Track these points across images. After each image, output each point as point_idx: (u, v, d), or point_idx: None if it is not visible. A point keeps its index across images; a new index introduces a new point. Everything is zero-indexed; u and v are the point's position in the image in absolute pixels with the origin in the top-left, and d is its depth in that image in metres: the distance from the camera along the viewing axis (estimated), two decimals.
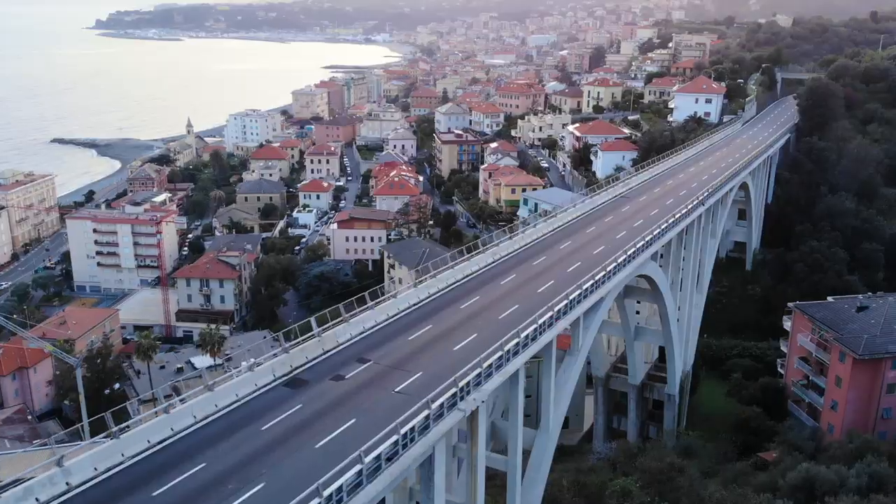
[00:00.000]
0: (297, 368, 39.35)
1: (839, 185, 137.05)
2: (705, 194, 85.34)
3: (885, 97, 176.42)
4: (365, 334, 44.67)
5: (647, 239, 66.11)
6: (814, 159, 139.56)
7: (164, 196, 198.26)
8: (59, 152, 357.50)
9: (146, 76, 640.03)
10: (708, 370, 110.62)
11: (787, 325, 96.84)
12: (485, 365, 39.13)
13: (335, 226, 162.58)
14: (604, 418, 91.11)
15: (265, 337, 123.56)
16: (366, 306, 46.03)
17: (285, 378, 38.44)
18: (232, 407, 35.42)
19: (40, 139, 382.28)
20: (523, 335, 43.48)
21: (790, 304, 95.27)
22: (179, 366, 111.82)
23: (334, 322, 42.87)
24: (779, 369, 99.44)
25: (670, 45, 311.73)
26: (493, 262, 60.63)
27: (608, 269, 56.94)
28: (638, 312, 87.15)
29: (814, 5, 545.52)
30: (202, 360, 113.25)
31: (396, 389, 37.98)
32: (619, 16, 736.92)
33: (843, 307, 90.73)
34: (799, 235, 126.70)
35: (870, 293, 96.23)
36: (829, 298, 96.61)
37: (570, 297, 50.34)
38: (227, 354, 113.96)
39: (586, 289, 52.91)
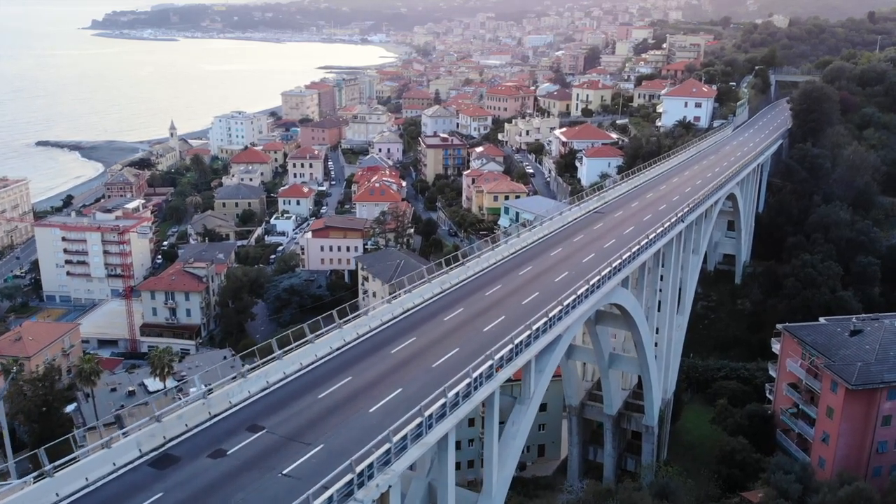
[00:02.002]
0: (170, 441, 32.85)
1: (833, 193, 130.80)
2: (685, 210, 78.86)
3: (883, 101, 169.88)
4: (267, 391, 38.16)
5: (615, 265, 59.62)
6: (807, 167, 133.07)
7: (137, 202, 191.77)
8: (43, 155, 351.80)
9: (138, 77, 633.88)
10: (693, 393, 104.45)
11: (776, 347, 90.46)
12: (396, 438, 32.60)
13: (309, 235, 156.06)
14: (579, 450, 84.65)
15: (225, 357, 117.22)
16: (272, 356, 39.51)
17: (153, 455, 31.93)
18: (75, 497, 28.97)
19: (26, 141, 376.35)
20: (452, 393, 36.97)
21: (779, 326, 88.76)
22: (131, 388, 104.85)
23: (227, 379, 36.36)
24: (767, 395, 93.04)
25: (664, 45, 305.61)
26: (440, 293, 54.15)
27: (566, 302, 50.49)
28: (615, 337, 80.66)
29: (811, 6, 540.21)
30: (156, 383, 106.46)
31: (285, 471, 31.45)
32: (616, 16, 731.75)
33: (835, 330, 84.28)
34: (791, 248, 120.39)
35: (864, 315, 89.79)
36: (822, 319, 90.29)
37: (517, 341, 43.84)
38: (183, 376, 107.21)
39: (538, 328, 46.44)
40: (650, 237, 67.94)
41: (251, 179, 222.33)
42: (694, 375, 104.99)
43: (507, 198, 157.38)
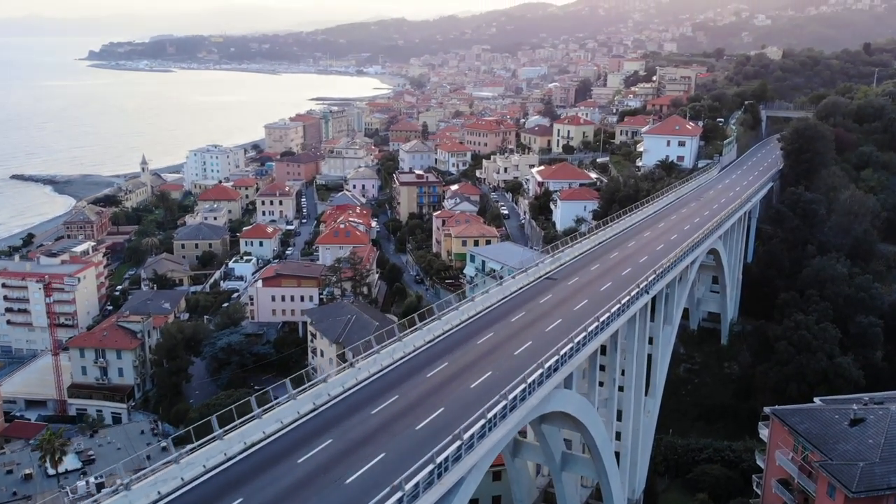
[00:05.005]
0: None
1: (829, 242, 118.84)
2: (651, 278, 66.38)
3: (881, 138, 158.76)
4: None
5: (549, 363, 46.90)
6: (800, 213, 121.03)
7: (86, 245, 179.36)
8: (14, 190, 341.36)
9: (126, 109, 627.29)
10: (670, 478, 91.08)
11: (763, 433, 77.29)
12: None
13: (260, 283, 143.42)
14: None
15: (143, 432, 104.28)
16: None
17: None
18: None
19: (1, 175, 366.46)
20: None
21: (766, 410, 75.59)
22: (28, 471, 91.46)
23: None
24: (755, 487, 79.60)
25: (654, 78, 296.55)
26: (312, 411, 41.25)
27: (471, 432, 37.57)
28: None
29: (806, 37, 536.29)
30: (62, 463, 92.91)
31: None
32: (611, 48, 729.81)
33: (832, 418, 71.09)
34: (782, 305, 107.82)
35: (866, 396, 76.56)
36: (817, 400, 77.16)
37: None
38: (91, 455, 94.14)
39: (421, 481, 33.51)
40: (602, 320, 55.30)
41: (215, 218, 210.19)
42: (672, 458, 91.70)
43: (476, 243, 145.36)
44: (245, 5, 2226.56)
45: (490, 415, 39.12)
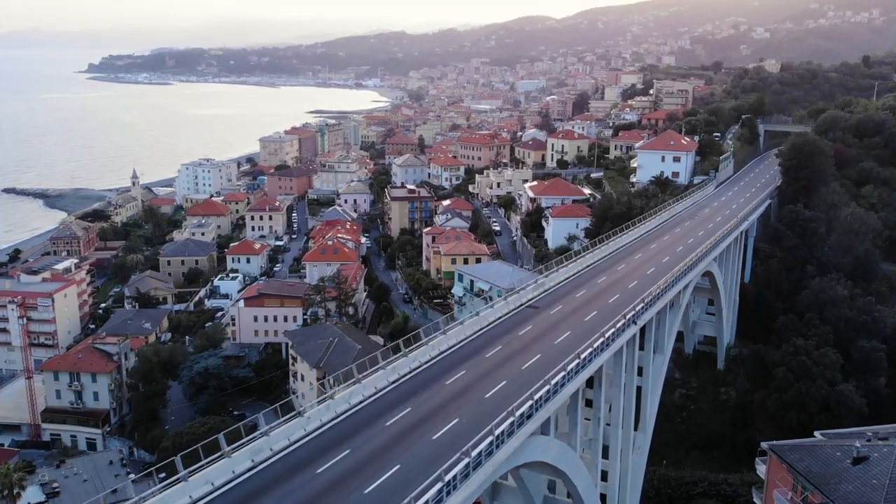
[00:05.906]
0: None
1: (829, 262, 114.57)
2: (640, 307, 62.09)
3: (882, 153, 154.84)
4: None
5: (522, 410, 42.49)
6: (798, 232, 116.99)
7: (68, 262, 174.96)
8: (6, 204, 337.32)
9: (123, 122, 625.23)
10: None
11: (761, 469, 72.72)
12: None
13: (242, 303, 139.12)
14: None
15: (111, 462, 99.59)
16: None
17: None
18: None
19: None
20: None
21: (763, 445, 71.04)
22: None
23: None
24: None
25: (651, 91, 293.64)
26: (251, 469, 36.63)
27: (427, 497, 33.11)
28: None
29: (804, 50, 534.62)
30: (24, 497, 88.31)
31: None
32: (609, 61, 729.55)
33: (834, 455, 66.24)
34: (781, 329, 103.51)
35: (870, 431, 72.03)
36: (817, 434, 72.59)
37: None
38: (56, 488, 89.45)
39: None
40: (584, 356, 50.96)
41: (203, 234, 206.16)
42: (665, 491, 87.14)
43: (466, 261, 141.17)
44: (245, 19, 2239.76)
45: (448, 477, 34.69)
